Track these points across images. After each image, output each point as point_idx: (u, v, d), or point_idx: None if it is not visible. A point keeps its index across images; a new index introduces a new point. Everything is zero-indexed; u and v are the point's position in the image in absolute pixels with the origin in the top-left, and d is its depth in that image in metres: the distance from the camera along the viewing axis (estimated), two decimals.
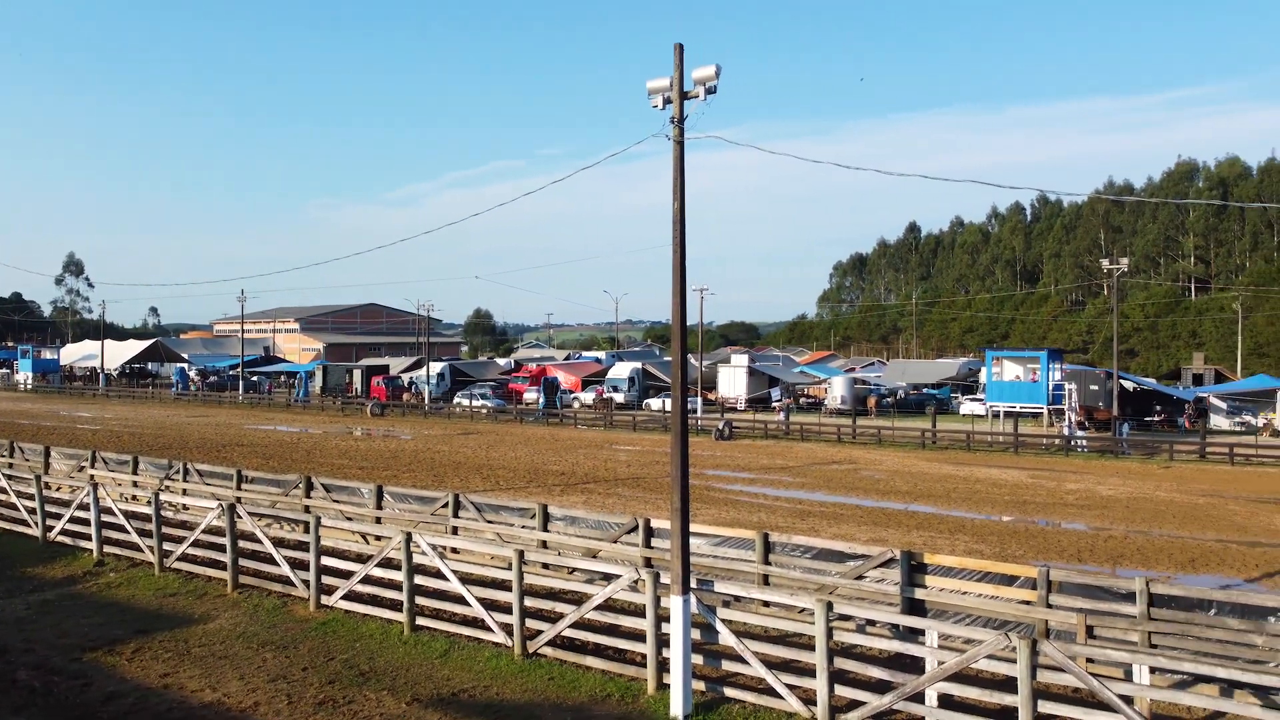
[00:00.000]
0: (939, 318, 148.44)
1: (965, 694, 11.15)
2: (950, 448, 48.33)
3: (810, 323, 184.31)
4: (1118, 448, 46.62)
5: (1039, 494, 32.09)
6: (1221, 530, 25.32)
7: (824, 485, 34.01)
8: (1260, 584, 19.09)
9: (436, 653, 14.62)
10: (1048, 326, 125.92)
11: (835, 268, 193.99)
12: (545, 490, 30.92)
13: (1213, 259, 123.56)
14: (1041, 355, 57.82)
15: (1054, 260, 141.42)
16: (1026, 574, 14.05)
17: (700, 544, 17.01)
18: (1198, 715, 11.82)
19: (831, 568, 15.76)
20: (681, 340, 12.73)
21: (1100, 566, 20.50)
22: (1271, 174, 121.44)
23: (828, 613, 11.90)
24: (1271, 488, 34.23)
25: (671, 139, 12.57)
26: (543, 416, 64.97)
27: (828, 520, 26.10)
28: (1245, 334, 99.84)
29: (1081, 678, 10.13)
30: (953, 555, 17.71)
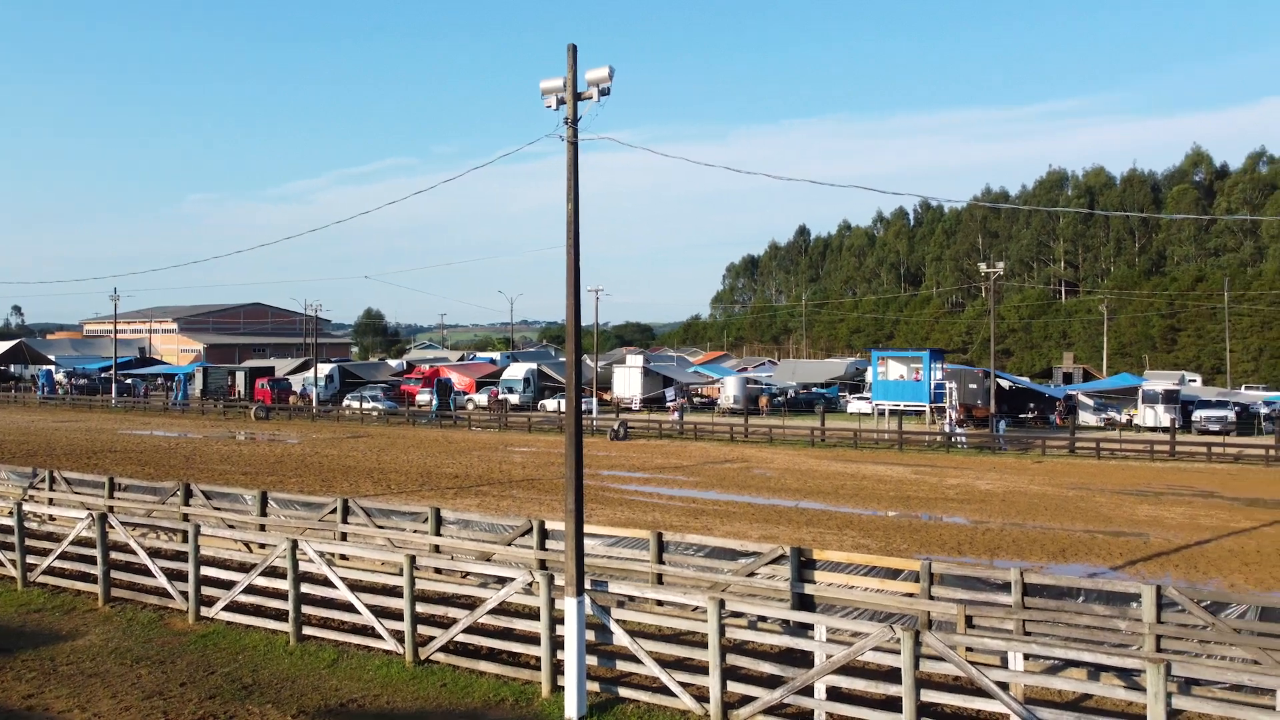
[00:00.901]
0: (828, 318, 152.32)
1: (853, 686, 11.46)
2: (838, 445, 49.61)
3: (704, 323, 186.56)
4: (995, 444, 48.68)
5: (922, 489, 33.23)
6: (1089, 521, 26.71)
7: (717, 484, 34.47)
8: (1124, 571, 20.21)
9: (324, 662, 14.22)
10: (930, 327, 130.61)
11: (728, 269, 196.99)
12: (438, 494, 30.44)
13: (1081, 264, 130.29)
14: (924, 355, 59.85)
15: (936, 264, 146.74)
16: (910, 567, 14.53)
17: (595, 545, 17.02)
18: (1068, 698, 12.43)
19: (724, 565, 15.98)
20: (576, 341, 12.71)
21: (979, 558, 21.36)
22: (1133, 183, 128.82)
23: (720, 610, 12.07)
24: (1133, 480, 36.29)
25: (565, 140, 12.54)
26: (436, 418, 63.94)
27: (721, 518, 26.45)
28: (1110, 335, 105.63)
29: (961, 666, 10.53)
30: (841, 551, 18.18)
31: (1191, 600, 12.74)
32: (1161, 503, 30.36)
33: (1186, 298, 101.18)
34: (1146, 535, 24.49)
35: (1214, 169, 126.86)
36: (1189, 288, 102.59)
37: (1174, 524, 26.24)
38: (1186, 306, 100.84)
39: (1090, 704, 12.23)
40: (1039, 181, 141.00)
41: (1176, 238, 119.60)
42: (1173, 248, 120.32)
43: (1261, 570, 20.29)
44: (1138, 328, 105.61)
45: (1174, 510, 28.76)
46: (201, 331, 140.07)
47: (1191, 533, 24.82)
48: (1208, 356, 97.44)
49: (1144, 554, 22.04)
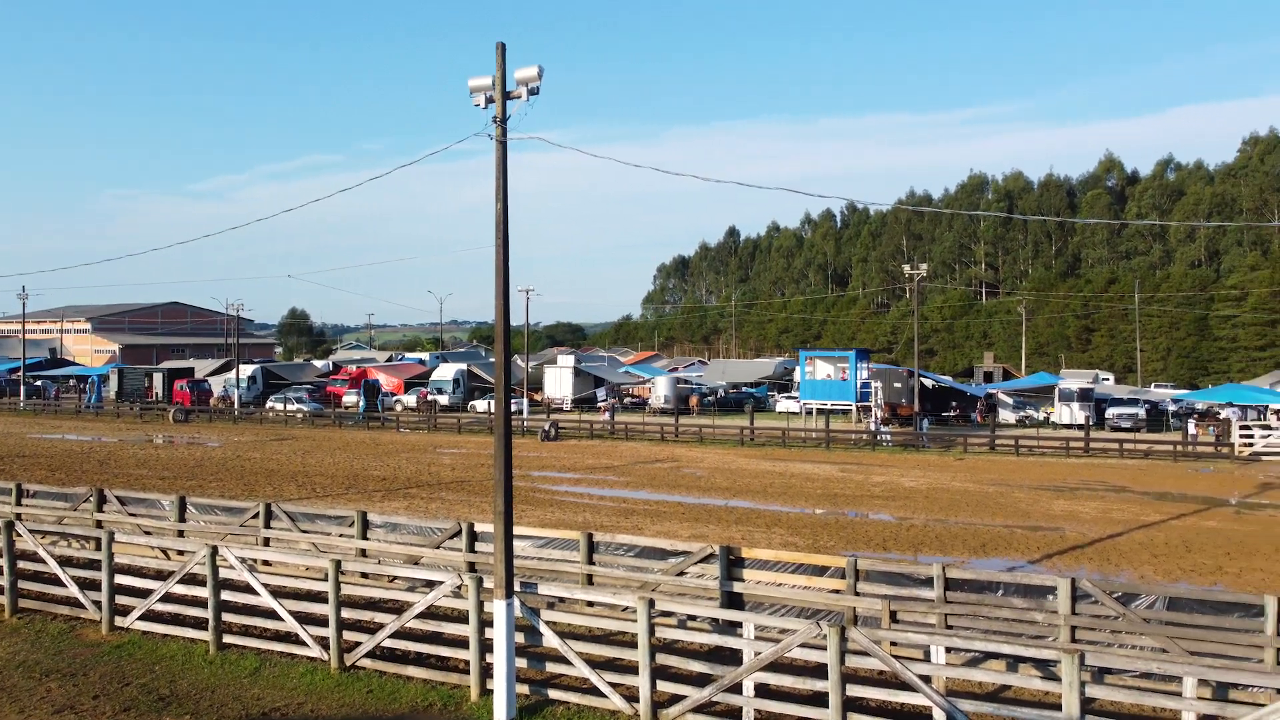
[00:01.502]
0: (757, 319, 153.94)
1: (781, 682, 11.60)
2: (767, 444, 50.17)
3: (635, 323, 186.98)
4: (918, 442, 49.75)
5: (848, 487, 33.80)
6: (1008, 516, 27.47)
7: (648, 483, 34.57)
8: (1041, 565, 20.84)
9: (246, 671, 13.88)
10: (856, 327, 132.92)
11: (659, 270, 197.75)
12: (365, 497, 29.94)
13: (1000, 265, 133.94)
14: (851, 355, 60.89)
15: (862, 265, 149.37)
16: (836, 564, 14.76)
17: (525, 546, 16.93)
18: (988, 689, 12.76)
19: (654, 565, 16.03)
20: (505, 341, 12.62)
21: (903, 554, 21.81)
22: (1050, 188, 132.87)
23: (650, 610, 12.10)
24: (1050, 476, 37.43)
25: (494, 139, 12.45)
26: (363, 420, 62.88)
27: (651, 518, 26.54)
28: (1028, 335, 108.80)
29: (885, 661, 10.74)
30: (769, 549, 18.39)
31: (1104, 592, 13.18)
32: (1076, 498, 31.37)
33: (1100, 299, 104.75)
34: (1062, 529, 25.28)
35: (1125, 175, 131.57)
36: (1102, 289, 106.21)
37: (1088, 518, 27.14)
38: (1100, 307, 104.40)
39: (1009, 694, 12.58)
40: (961, 185, 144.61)
41: (1090, 241, 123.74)
42: (1087, 251, 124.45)
43: (1169, 562, 21.10)
44: (1054, 328, 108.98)
45: (1088, 505, 29.74)
46: (117, 332, 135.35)
47: (1104, 526, 25.70)
48: (1120, 356, 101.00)
49: (1060, 548, 22.74)
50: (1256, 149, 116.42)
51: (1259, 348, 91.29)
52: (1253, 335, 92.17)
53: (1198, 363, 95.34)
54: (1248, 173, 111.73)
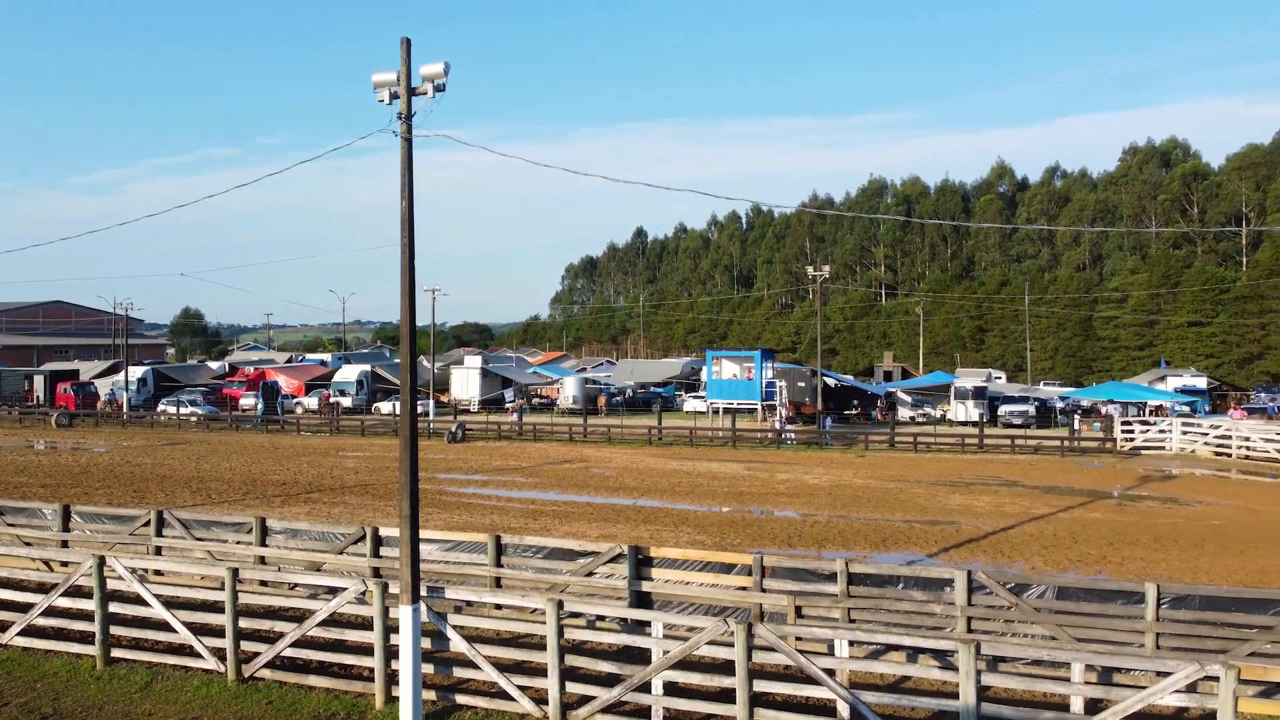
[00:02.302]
0: (664, 319, 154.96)
1: (689, 680, 11.69)
2: (675, 443, 50.54)
3: (543, 324, 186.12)
4: (822, 439, 50.82)
5: (754, 485, 34.29)
6: (908, 511, 28.28)
7: (556, 484, 34.45)
8: (939, 558, 21.51)
9: (136, 686, 13.31)
10: (761, 328, 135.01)
11: (567, 270, 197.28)
12: (264, 502, 29.05)
13: (899, 268, 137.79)
14: (756, 355, 61.80)
15: (766, 266, 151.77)
16: (743, 561, 14.96)
17: (431, 550, 16.68)
18: (889, 680, 13.10)
19: (563, 566, 15.98)
20: (411, 342, 12.41)
21: (808, 550, 22.24)
22: (946, 193, 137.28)
23: (558, 611, 12.06)
24: (947, 471, 38.68)
25: (399, 136, 12.24)
26: (262, 423, 60.99)
27: (560, 519, 26.45)
28: (925, 335, 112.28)
29: (791, 656, 10.93)
30: (677, 547, 18.53)
31: (998, 583, 13.68)
32: (971, 492, 32.49)
33: (992, 301, 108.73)
34: (959, 523, 26.14)
35: (1016, 181, 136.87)
36: (995, 291, 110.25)
37: (983, 512, 28.14)
38: (993, 309, 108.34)
39: (909, 685, 12.94)
40: (861, 189, 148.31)
41: (984, 245, 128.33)
42: (980, 254, 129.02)
43: (1058, 552, 22.03)
44: (950, 328, 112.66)
45: (982, 499, 30.83)
46: None
47: (998, 520, 26.68)
48: (1011, 355, 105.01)
49: (956, 541, 23.52)
50: (1136, 158, 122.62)
51: (1138, 347, 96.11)
52: (1133, 335, 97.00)
53: (1083, 361, 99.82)
54: (1128, 181, 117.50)
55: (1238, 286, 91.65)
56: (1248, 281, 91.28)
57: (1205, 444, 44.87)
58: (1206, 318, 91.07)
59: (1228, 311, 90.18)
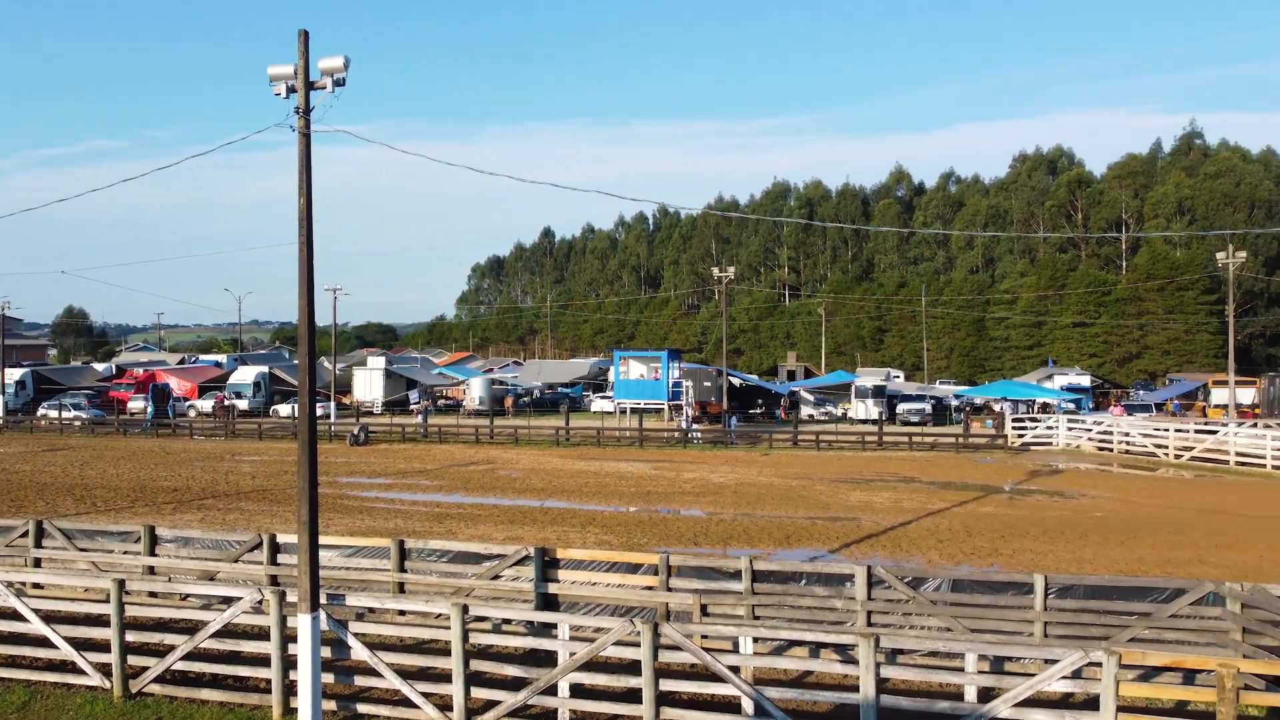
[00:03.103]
0: (572, 319, 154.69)
1: (595, 681, 11.68)
2: (582, 444, 50.47)
3: (449, 324, 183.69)
4: (727, 438, 51.46)
5: (661, 484, 34.50)
6: (810, 508, 28.84)
7: (462, 487, 34.03)
8: (840, 554, 22.00)
9: (13, 706, 12.61)
10: (668, 328, 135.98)
11: (473, 270, 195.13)
12: (154, 510, 27.91)
13: (802, 269, 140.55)
14: (663, 355, 62.19)
15: (673, 267, 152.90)
16: (650, 561, 15.03)
17: (331, 556, 16.28)
18: (792, 675, 13.33)
19: (468, 570, 15.79)
20: (310, 342, 12.09)
21: (713, 548, 22.48)
22: (846, 197, 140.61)
23: (463, 616, 11.91)
24: (848, 469, 39.59)
25: (296, 130, 11.90)
26: (152, 428, 58.56)
27: (466, 522, 26.13)
28: (827, 335, 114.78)
29: (697, 654, 11.02)
30: (584, 548, 18.51)
31: (896, 577, 14.07)
32: (871, 489, 33.33)
33: (891, 302, 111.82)
34: (859, 519, 26.78)
35: (913, 186, 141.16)
36: (893, 293, 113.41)
37: (882, 508, 28.89)
38: (891, 310, 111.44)
39: (812, 679, 13.19)
40: (765, 192, 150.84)
41: (883, 247, 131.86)
42: (879, 256, 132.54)
43: (953, 546, 22.77)
44: (851, 329, 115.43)
45: (882, 495, 31.66)
46: None
47: (896, 515, 27.44)
48: (909, 355, 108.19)
49: (857, 537, 24.09)
50: (1025, 165, 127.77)
51: (1028, 347, 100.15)
52: (1022, 336, 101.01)
53: (976, 361, 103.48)
54: (1018, 187, 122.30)
55: (1118, 289, 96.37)
56: (1127, 284, 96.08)
57: (1089, 439, 47.02)
58: (1090, 319, 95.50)
59: (1109, 313, 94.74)
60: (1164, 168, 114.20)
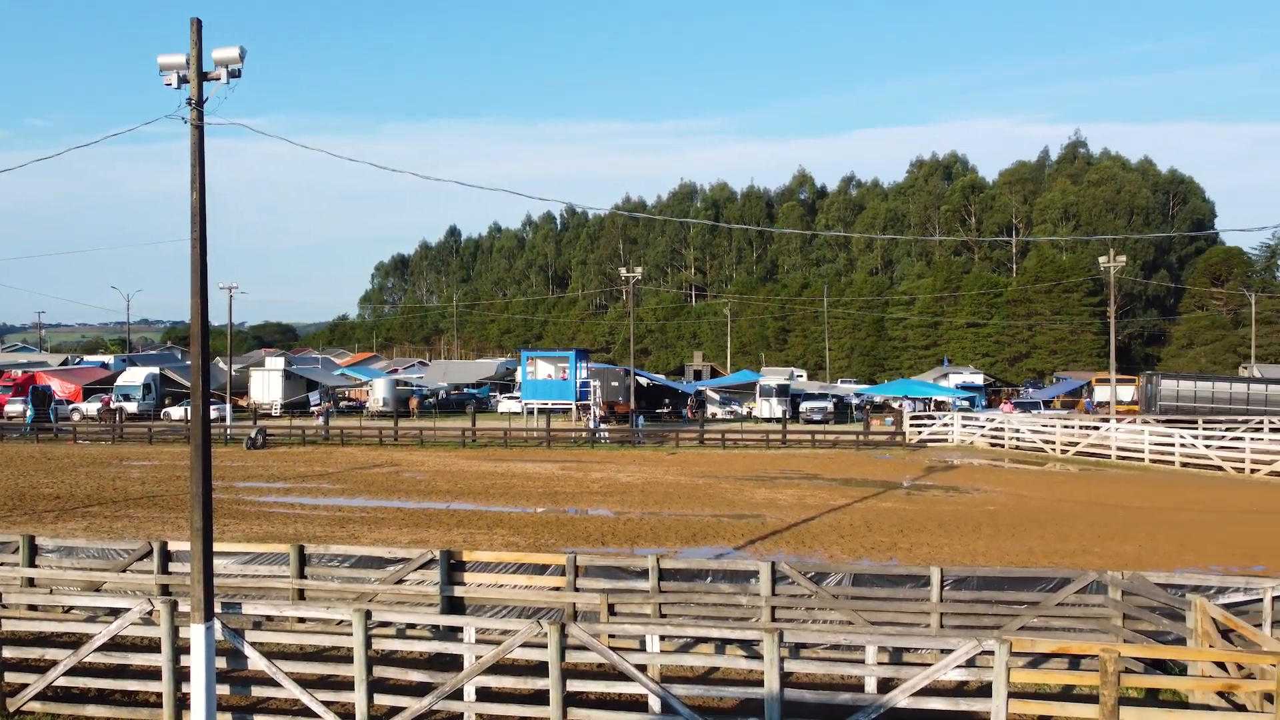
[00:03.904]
0: (479, 319, 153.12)
1: (502, 684, 11.59)
2: (489, 445, 50.01)
3: (352, 324, 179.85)
4: (634, 438, 51.68)
5: (568, 484, 34.43)
6: (716, 506, 29.18)
7: (365, 490, 33.34)
8: (745, 551, 22.32)
9: None
10: (576, 328, 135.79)
11: (377, 268, 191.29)
12: (35, 519, 26.54)
13: (708, 270, 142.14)
14: (570, 355, 62.09)
15: (581, 267, 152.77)
16: (557, 562, 14.98)
17: (227, 564, 15.75)
18: (699, 672, 13.46)
19: (372, 574, 15.49)
20: (203, 342, 11.68)
21: (621, 548, 22.54)
22: (751, 199, 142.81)
23: (366, 621, 11.67)
24: (752, 467, 40.19)
25: (189, 122, 11.49)
26: (31, 432, 55.67)
27: (370, 525, 25.61)
28: (733, 335, 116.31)
29: (604, 654, 11.04)
30: (491, 550, 18.34)
31: (799, 573, 14.34)
32: (775, 486, 33.91)
33: (795, 302, 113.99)
34: (764, 516, 27.22)
35: (816, 189, 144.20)
36: (796, 294, 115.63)
37: (786, 505, 29.42)
38: (795, 310, 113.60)
39: (718, 675, 13.35)
40: (672, 193, 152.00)
41: (786, 249, 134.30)
42: (783, 258, 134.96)
43: (854, 541, 23.33)
44: (755, 329, 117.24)
45: (786, 492, 32.24)
46: None
47: (800, 512, 27.98)
48: (812, 354, 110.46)
49: (762, 533, 24.48)
50: (922, 171, 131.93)
51: (924, 347, 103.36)
52: (920, 336, 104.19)
53: (875, 360, 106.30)
54: (915, 191, 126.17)
55: (1009, 291, 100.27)
56: (1017, 287, 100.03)
57: (982, 436, 48.78)
58: (983, 319, 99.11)
59: (1001, 314, 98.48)
60: (1051, 175, 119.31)
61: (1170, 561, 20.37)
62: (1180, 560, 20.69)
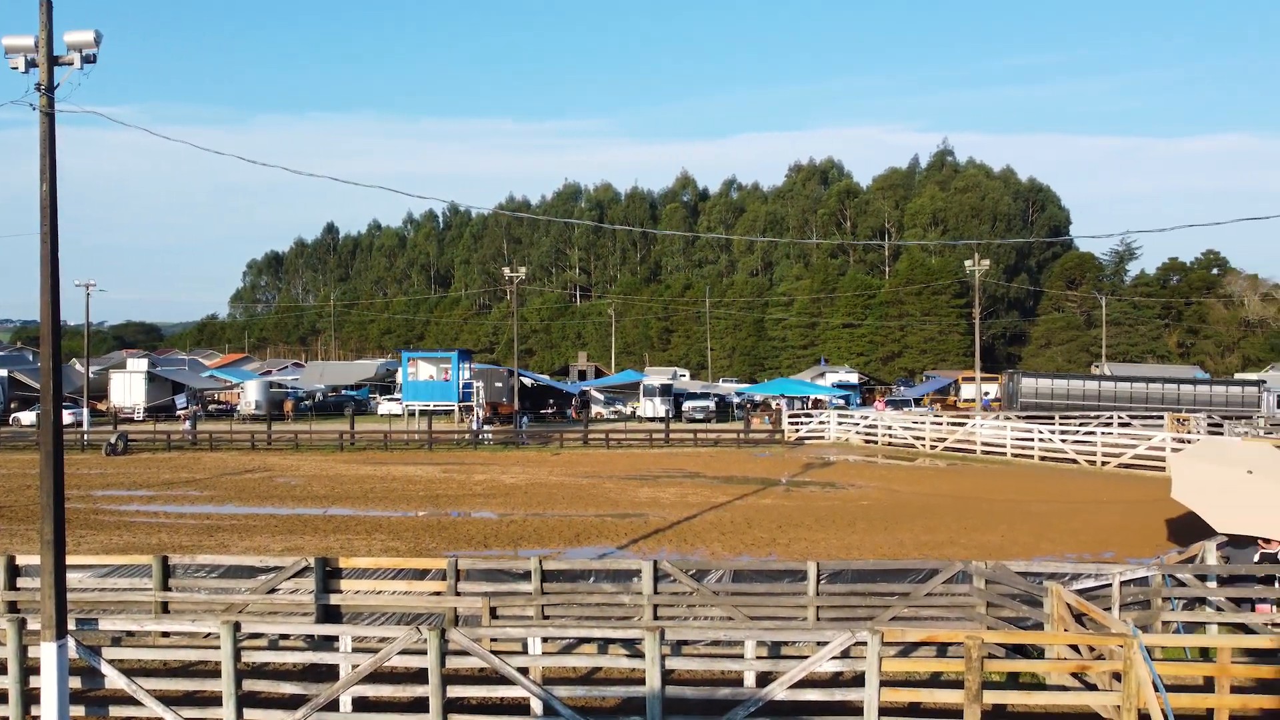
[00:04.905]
0: (358, 319, 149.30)
1: (380, 693, 11.33)
2: (369, 448, 48.83)
3: (222, 323, 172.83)
4: (518, 439, 51.32)
5: (451, 487, 33.92)
6: (600, 506, 29.23)
7: (236, 496, 32.04)
8: (628, 550, 22.43)
9: None
10: (459, 328, 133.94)
11: (249, 266, 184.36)
12: None
13: (593, 270, 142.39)
14: (453, 355, 61.16)
15: (464, 266, 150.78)
16: (437, 566, 14.74)
17: (83, 577, 14.90)
18: (581, 672, 13.46)
19: (242, 585, 14.90)
20: (54, 342, 11.02)
21: (504, 550, 22.33)
22: (635, 200, 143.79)
23: (235, 633, 11.22)
24: (636, 466, 40.44)
25: (38, 109, 10.82)
26: None
27: (240, 533, 24.63)
28: (617, 335, 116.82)
29: (485, 658, 10.91)
30: (369, 556, 17.93)
31: (681, 571, 14.51)
32: (658, 485, 34.21)
33: (678, 303, 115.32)
34: (646, 515, 27.41)
35: (698, 192, 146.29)
36: (679, 294, 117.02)
37: (668, 503, 29.71)
38: (678, 310, 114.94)
39: (600, 675, 13.37)
40: (557, 193, 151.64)
41: (669, 250, 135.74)
42: (666, 259, 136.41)
43: (735, 538, 23.74)
44: (639, 329, 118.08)
45: (668, 491, 32.56)
46: None
47: (682, 510, 28.30)
48: (694, 354, 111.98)
49: (645, 532, 24.65)
50: (800, 175, 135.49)
51: (802, 347, 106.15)
52: (798, 336, 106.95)
53: (756, 360, 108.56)
54: (793, 195, 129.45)
55: (882, 293, 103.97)
56: (890, 289, 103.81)
57: (857, 433, 50.39)
58: (858, 320, 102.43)
59: (874, 315, 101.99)
60: (921, 181, 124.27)
61: (1029, 550, 21.47)
62: (1038, 549, 21.82)
